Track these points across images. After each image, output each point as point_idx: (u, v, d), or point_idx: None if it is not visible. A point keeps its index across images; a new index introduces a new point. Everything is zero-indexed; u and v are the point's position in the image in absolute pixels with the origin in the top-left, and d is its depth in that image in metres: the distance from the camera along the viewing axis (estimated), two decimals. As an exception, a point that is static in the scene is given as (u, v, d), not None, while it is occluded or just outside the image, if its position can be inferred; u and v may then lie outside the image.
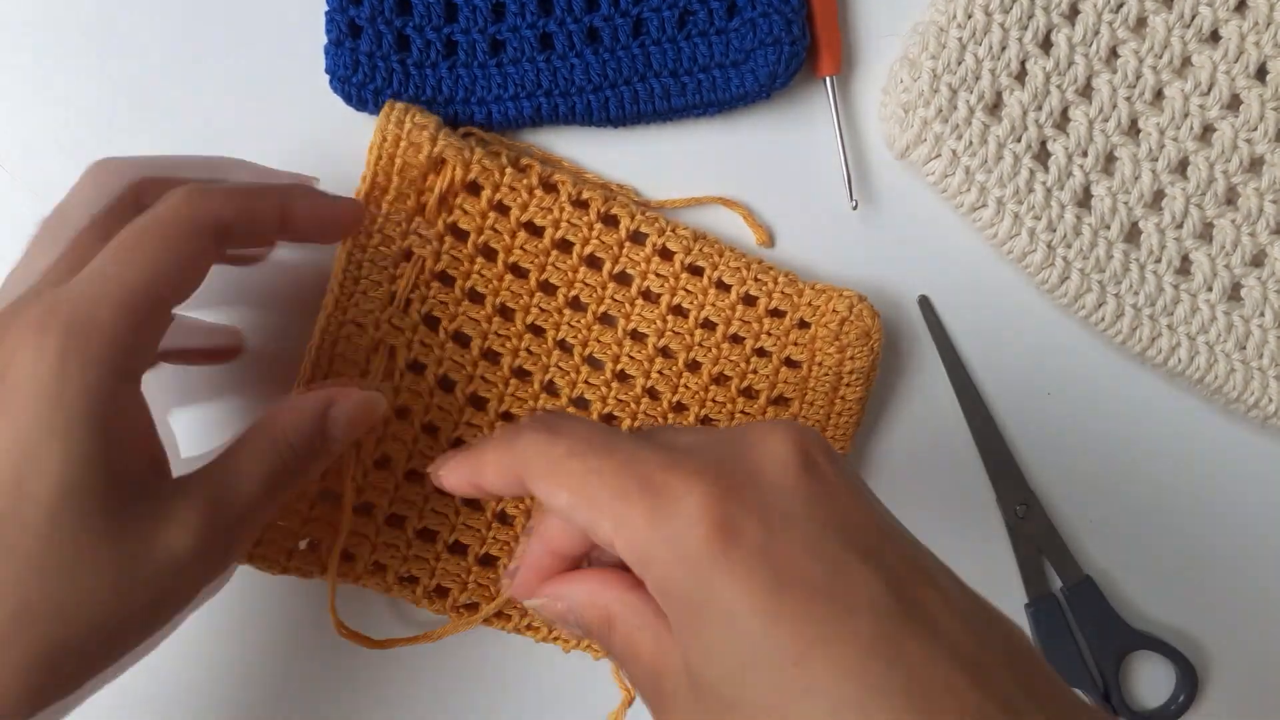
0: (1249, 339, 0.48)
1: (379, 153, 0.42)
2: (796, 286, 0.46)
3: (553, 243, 0.44)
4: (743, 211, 0.47)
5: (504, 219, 0.44)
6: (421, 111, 0.43)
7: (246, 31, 0.46)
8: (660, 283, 0.45)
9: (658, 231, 0.45)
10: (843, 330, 0.45)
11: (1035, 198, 0.46)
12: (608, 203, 0.45)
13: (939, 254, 0.49)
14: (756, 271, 0.46)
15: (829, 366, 0.46)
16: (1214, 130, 0.47)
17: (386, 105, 0.43)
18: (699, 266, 0.45)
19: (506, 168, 0.44)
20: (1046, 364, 0.50)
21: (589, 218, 0.45)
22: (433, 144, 0.42)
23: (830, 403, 0.46)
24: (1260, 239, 0.48)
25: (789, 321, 0.46)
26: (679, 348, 0.46)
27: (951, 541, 0.49)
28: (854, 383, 0.46)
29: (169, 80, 0.46)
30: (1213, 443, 0.51)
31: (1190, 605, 0.51)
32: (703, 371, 0.46)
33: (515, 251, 0.44)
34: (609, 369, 0.45)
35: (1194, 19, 0.46)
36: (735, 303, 0.46)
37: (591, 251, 0.45)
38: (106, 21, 0.45)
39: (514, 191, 0.44)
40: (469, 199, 0.44)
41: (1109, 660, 0.50)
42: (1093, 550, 0.50)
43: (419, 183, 0.43)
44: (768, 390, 0.46)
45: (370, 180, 0.42)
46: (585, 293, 0.45)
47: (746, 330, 0.46)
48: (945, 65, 0.46)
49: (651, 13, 0.45)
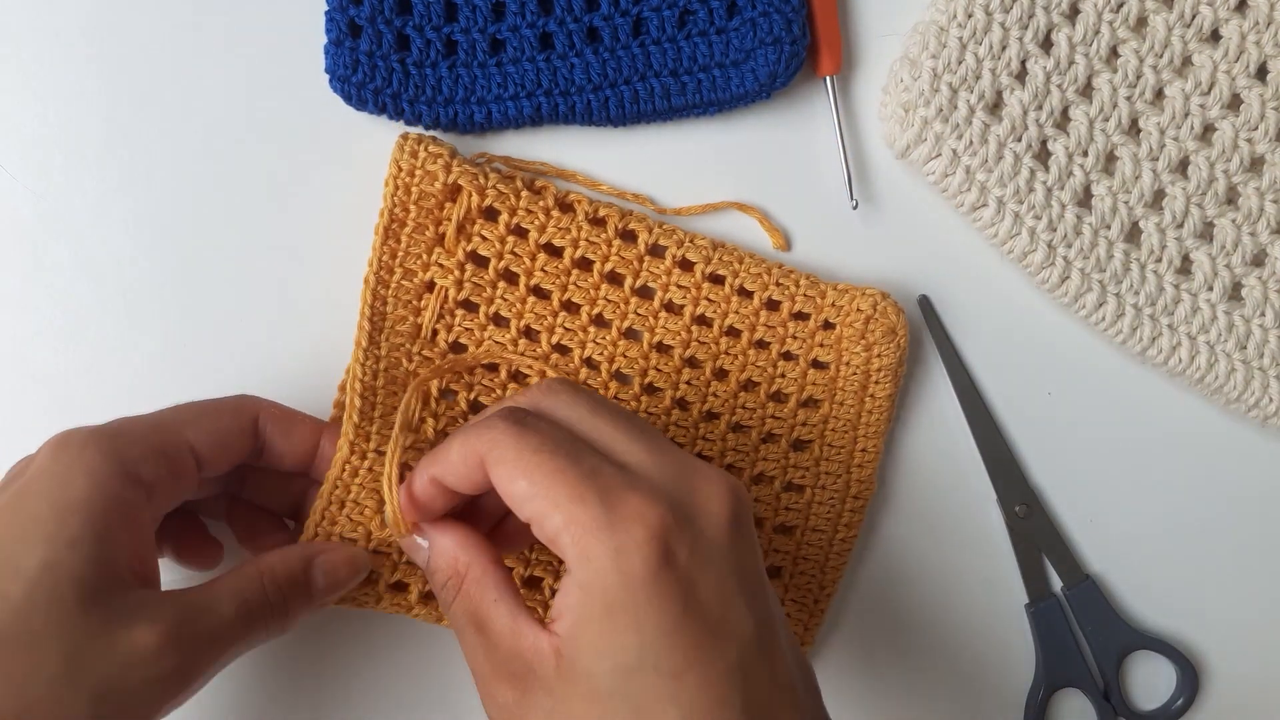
0: (1249, 339, 0.48)
1: (395, 184, 0.43)
2: (819, 288, 0.46)
3: (573, 262, 0.45)
4: (758, 216, 0.47)
5: (523, 242, 0.44)
6: (435, 141, 0.43)
7: (246, 31, 0.46)
8: (682, 294, 0.45)
9: (676, 243, 0.45)
10: (868, 329, 0.45)
11: (1036, 197, 0.46)
12: (625, 219, 0.45)
13: (939, 254, 0.49)
14: (778, 276, 0.46)
15: (856, 365, 0.46)
16: (1214, 130, 0.47)
17: (400, 137, 0.43)
18: (720, 275, 0.45)
19: (522, 191, 0.44)
20: (1047, 364, 0.50)
21: (607, 234, 0.45)
22: (447, 172, 0.43)
23: (860, 401, 0.46)
24: (1261, 238, 0.48)
25: (814, 323, 0.46)
26: (705, 357, 0.46)
27: (952, 541, 0.50)
28: (882, 380, 0.46)
29: (169, 80, 0.46)
30: (1213, 443, 0.50)
31: (1191, 605, 0.51)
32: (730, 379, 0.46)
33: (536, 273, 0.44)
34: (637, 383, 0.45)
35: (1194, 18, 0.46)
36: (758, 308, 0.46)
37: (612, 268, 0.45)
38: (107, 21, 0.45)
39: (531, 214, 0.44)
40: (487, 225, 0.44)
41: (1110, 660, 0.50)
42: (1093, 550, 0.50)
43: (436, 212, 0.43)
44: (797, 393, 0.46)
45: (388, 213, 0.43)
46: (608, 309, 0.45)
47: (771, 335, 0.46)
48: (946, 64, 0.46)
49: (651, 12, 0.45)
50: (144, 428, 0.37)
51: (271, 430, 0.40)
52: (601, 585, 0.31)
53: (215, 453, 0.38)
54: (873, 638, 0.50)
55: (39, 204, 0.46)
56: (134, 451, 0.36)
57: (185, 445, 0.37)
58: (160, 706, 0.35)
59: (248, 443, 0.39)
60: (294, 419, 0.41)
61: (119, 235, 0.46)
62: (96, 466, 0.34)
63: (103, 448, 0.35)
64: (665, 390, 0.45)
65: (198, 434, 0.38)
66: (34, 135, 0.45)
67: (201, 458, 0.38)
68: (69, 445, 0.35)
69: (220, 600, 0.36)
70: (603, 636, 0.31)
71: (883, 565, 0.49)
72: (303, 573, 0.39)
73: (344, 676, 0.47)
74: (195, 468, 0.38)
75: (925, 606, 0.50)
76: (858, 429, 0.47)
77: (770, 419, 0.46)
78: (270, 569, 0.38)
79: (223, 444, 0.38)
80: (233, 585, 0.37)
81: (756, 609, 0.33)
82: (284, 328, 0.46)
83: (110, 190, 0.46)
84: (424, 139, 0.43)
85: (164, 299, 0.46)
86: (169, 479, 0.37)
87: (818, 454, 0.47)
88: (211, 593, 0.36)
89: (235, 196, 0.46)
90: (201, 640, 0.35)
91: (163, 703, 0.35)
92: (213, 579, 0.37)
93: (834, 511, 0.47)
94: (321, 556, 0.40)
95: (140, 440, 0.36)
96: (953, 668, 0.50)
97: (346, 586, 0.40)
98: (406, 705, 0.47)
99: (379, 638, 0.47)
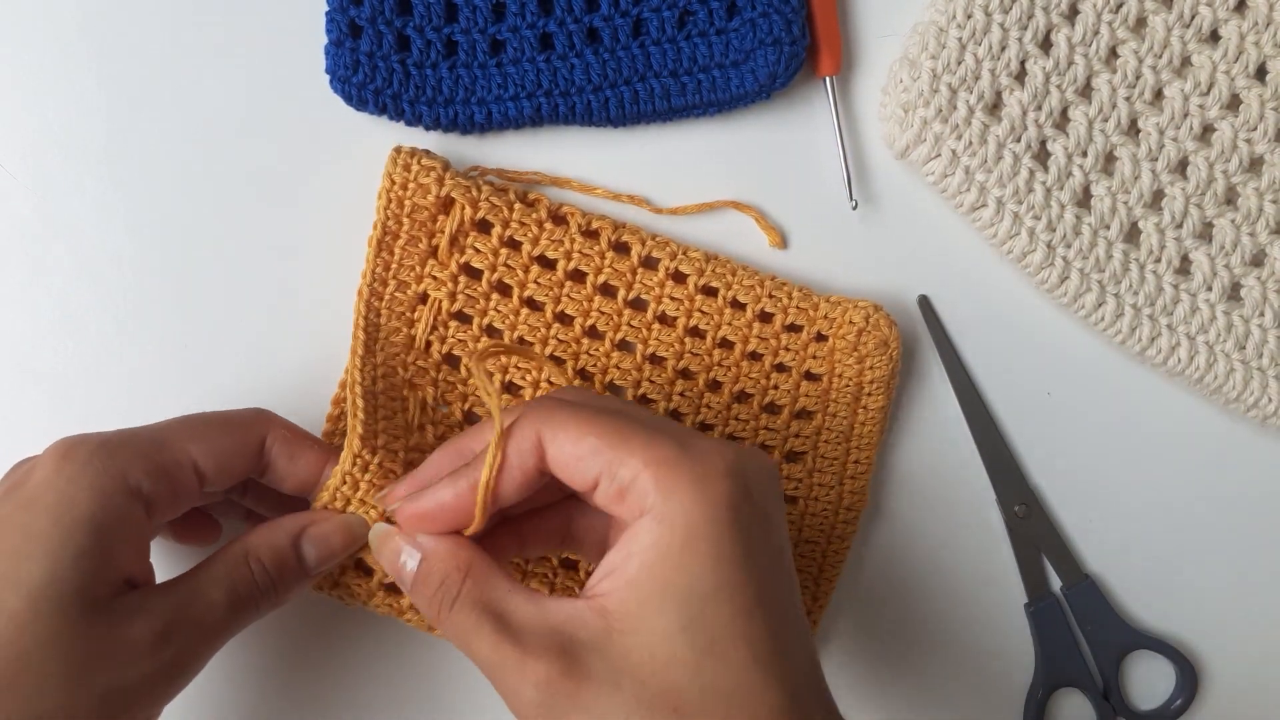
0: (1248, 339, 0.48)
1: (388, 198, 0.43)
2: (811, 300, 0.46)
3: (566, 274, 0.45)
4: (755, 215, 0.47)
5: (516, 254, 0.44)
6: (427, 154, 0.43)
7: (246, 31, 0.46)
8: (675, 306, 0.45)
9: (669, 255, 0.45)
10: (860, 341, 0.45)
11: (1035, 197, 0.46)
12: (618, 230, 0.45)
13: (939, 254, 0.49)
14: (771, 288, 0.46)
15: (849, 378, 0.46)
16: (1214, 130, 0.47)
17: (393, 151, 0.43)
18: (713, 287, 0.45)
19: (515, 203, 0.44)
20: (1046, 364, 0.50)
21: (600, 247, 0.45)
22: (440, 185, 0.43)
23: (853, 413, 0.46)
24: (1260, 239, 0.48)
25: (806, 335, 0.46)
26: (699, 369, 0.46)
27: (951, 541, 0.50)
28: (875, 392, 0.46)
29: (169, 80, 0.46)
30: (1213, 443, 0.51)
31: (1190, 605, 0.51)
32: (724, 390, 0.46)
33: (530, 285, 0.45)
34: (630, 394, 0.45)
35: (1194, 19, 0.46)
36: (751, 320, 0.46)
37: (605, 280, 0.45)
38: (107, 22, 0.45)
39: (524, 226, 0.44)
40: (480, 237, 0.44)
41: (1109, 660, 0.50)
42: (1092, 550, 0.50)
43: (429, 225, 0.43)
44: (790, 405, 0.46)
45: (381, 226, 0.43)
46: (601, 321, 0.45)
47: (764, 347, 0.46)
48: (945, 65, 0.46)
49: (651, 13, 0.45)
50: (149, 443, 0.37)
51: (278, 452, 0.40)
52: (685, 514, 0.32)
53: (218, 470, 0.38)
54: (872, 637, 0.50)
55: (39, 204, 0.46)
56: (138, 467, 0.36)
57: (189, 461, 0.37)
58: (161, 696, 0.36)
59: (252, 462, 0.39)
60: (302, 444, 0.40)
61: (119, 235, 0.46)
62: (101, 483, 0.35)
63: (106, 463, 0.35)
64: (659, 402, 0.45)
65: (202, 450, 0.37)
66: (34, 135, 0.45)
67: (204, 474, 0.38)
68: (73, 458, 0.35)
69: (209, 587, 0.36)
70: (683, 568, 0.31)
71: (882, 565, 0.49)
72: (291, 549, 0.38)
73: (337, 674, 0.47)
74: (197, 483, 0.38)
75: (925, 606, 0.50)
76: (851, 441, 0.47)
77: (763, 430, 0.46)
78: (256, 550, 0.38)
79: (227, 463, 0.38)
80: (220, 571, 0.37)
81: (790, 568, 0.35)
82: (283, 328, 0.46)
83: (110, 190, 0.46)
84: (417, 152, 0.43)
85: (163, 299, 0.46)
86: (170, 494, 0.37)
87: (811, 465, 0.47)
88: (200, 580, 0.37)
89: (235, 197, 0.46)
90: (194, 629, 0.36)
91: (163, 692, 0.36)
92: (200, 563, 0.37)
93: (827, 523, 0.47)
94: (311, 528, 0.39)
95: (144, 456, 0.36)
96: (952, 667, 0.50)
97: (341, 556, 0.39)
98: (398, 703, 0.47)
99: (370, 641, 0.47)
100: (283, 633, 0.46)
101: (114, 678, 0.33)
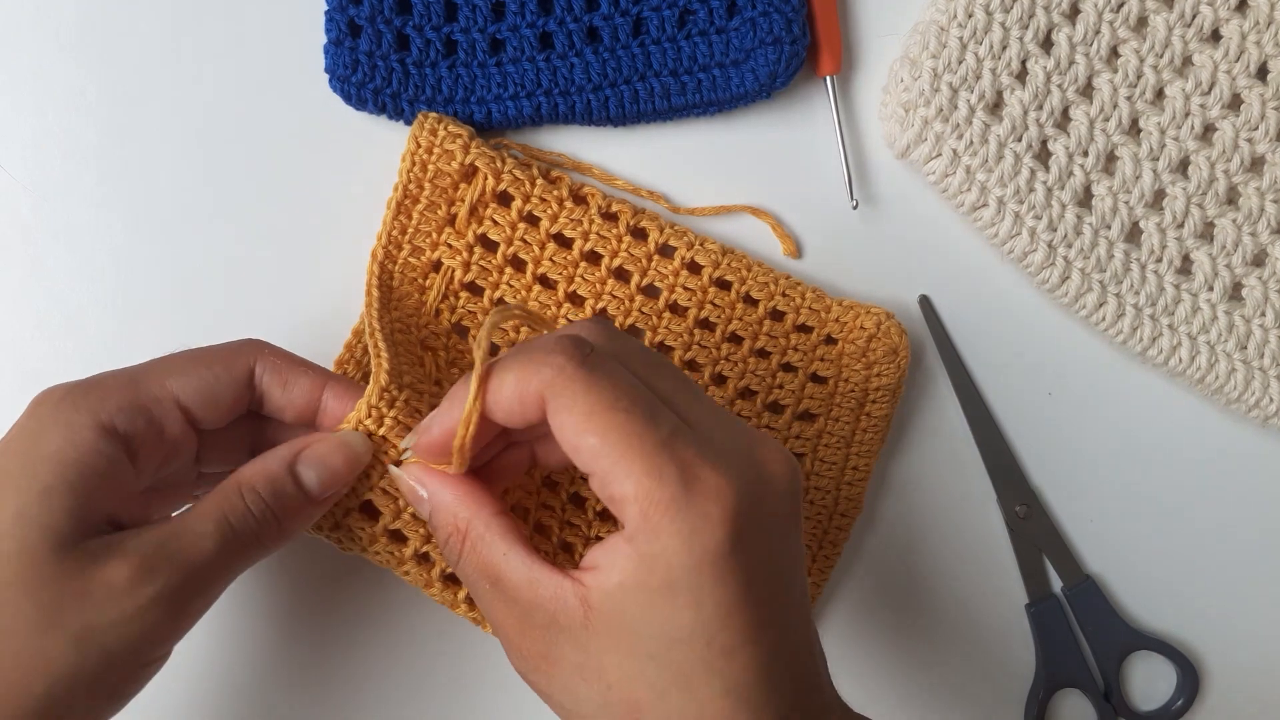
0: (1250, 339, 0.48)
1: (412, 160, 0.43)
2: (824, 303, 0.46)
3: (581, 254, 0.45)
4: (771, 221, 0.47)
5: (534, 230, 0.44)
6: (454, 121, 0.43)
7: (246, 31, 0.46)
8: (688, 296, 0.45)
9: (686, 245, 0.45)
10: (870, 347, 0.45)
11: (1036, 197, 0.46)
12: (637, 216, 0.45)
13: (939, 254, 0.49)
14: (784, 287, 0.46)
15: (855, 383, 0.46)
16: (1215, 130, 0.47)
17: (420, 115, 0.43)
18: (727, 281, 0.45)
19: (537, 179, 0.44)
20: (1046, 364, 0.50)
21: (618, 230, 0.45)
22: (465, 153, 0.43)
23: (856, 419, 0.46)
24: (1261, 238, 0.47)
25: (816, 337, 0.46)
26: (705, 361, 0.46)
27: (952, 542, 0.50)
28: (880, 399, 0.46)
29: (168, 80, 0.46)
30: (1213, 443, 0.50)
31: (1191, 605, 0.51)
32: (728, 385, 0.46)
33: (544, 263, 0.44)
34: None
35: (1195, 18, 0.46)
36: (762, 317, 0.46)
37: (620, 264, 0.45)
38: (106, 21, 0.45)
39: (544, 203, 0.44)
40: (499, 209, 0.44)
41: (1110, 660, 0.50)
42: (1093, 550, 0.50)
43: (450, 192, 0.43)
44: (794, 405, 0.46)
45: (402, 189, 0.43)
46: (613, 305, 0.45)
47: (773, 345, 0.46)
48: (946, 64, 0.46)
49: (651, 12, 0.45)
50: (123, 381, 0.35)
51: (269, 380, 0.37)
52: (666, 562, 0.30)
53: (205, 405, 0.36)
54: (872, 637, 0.50)
55: (39, 204, 0.46)
56: (110, 403, 0.34)
57: (169, 397, 0.35)
58: (154, 638, 0.34)
59: (242, 395, 0.37)
60: (294, 370, 0.38)
61: (119, 235, 0.46)
62: (70, 419, 0.34)
63: (76, 401, 0.34)
64: None
65: (183, 384, 0.36)
66: (34, 135, 0.45)
67: (189, 409, 0.36)
68: (45, 401, 0.35)
69: (197, 522, 0.34)
70: (656, 609, 0.31)
71: (882, 565, 0.49)
72: (287, 475, 0.36)
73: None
74: (183, 420, 0.36)
75: (925, 606, 0.50)
76: (851, 446, 0.46)
77: (764, 429, 0.46)
78: (250, 480, 0.35)
79: (213, 395, 0.36)
80: (210, 504, 0.35)
81: (801, 583, 0.34)
82: (283, 328, 0.46)
83: (110, 190, 0.46)
84: (444, 118, 0.43)
85: (163, 299, 0.46)
86: (150, 431, 0.35)
87: (809, 468, 0.46)
88: (188, 517, 0.35)
89: (234, 197, 0.46)
90: (178, 566, 0.33)
91: (151, 639, 0.34)
92: (192, 506, 0.35)
93: (820, 528, 0.47)
94: (307, 450, 0.36)
95: (116, 392, 0.35)
96: (953, 668, 0.50)
97: (346, 478, 0.37)
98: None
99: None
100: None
101: (90, 617, 0.32)
